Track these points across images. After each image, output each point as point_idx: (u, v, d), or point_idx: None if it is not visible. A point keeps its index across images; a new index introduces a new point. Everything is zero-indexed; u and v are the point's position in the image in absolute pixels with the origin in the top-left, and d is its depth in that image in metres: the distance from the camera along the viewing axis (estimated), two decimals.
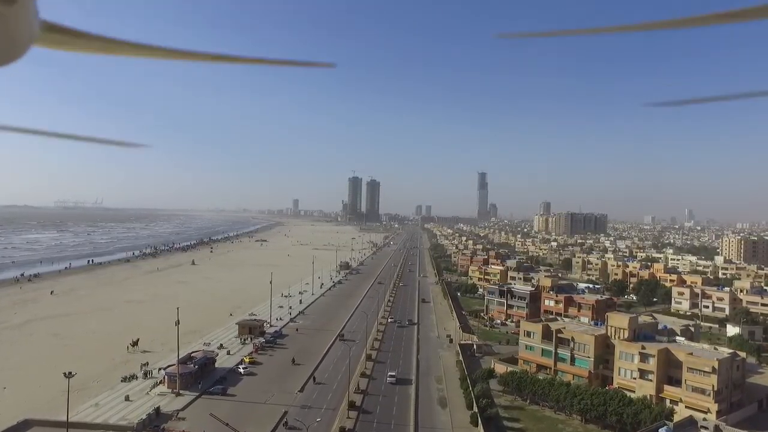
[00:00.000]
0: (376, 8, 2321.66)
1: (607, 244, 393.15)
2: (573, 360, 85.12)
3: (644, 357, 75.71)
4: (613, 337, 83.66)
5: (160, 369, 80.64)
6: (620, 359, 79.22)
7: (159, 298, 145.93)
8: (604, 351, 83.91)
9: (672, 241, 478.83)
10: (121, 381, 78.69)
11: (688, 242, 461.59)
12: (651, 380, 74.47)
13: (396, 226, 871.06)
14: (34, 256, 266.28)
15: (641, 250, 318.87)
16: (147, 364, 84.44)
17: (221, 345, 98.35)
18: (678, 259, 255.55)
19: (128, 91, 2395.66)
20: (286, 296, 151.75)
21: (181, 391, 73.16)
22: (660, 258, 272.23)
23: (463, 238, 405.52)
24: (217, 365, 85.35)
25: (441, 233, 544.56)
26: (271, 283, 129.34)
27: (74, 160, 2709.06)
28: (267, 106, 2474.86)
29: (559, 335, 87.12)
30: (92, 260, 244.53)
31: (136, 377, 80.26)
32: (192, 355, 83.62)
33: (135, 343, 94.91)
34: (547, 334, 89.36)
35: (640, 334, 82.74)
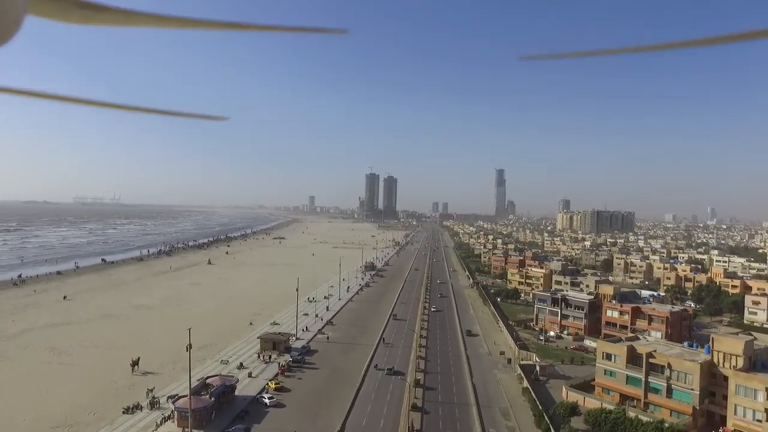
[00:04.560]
0: (393, 4, 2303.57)
1: (641, 243, 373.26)
2: (670, 391, 69.55)
3: None
4: (721, 365, 68.06)
5: (168, 398, 66.75)
6: (737, 395, 63.50)
7: (170, 303, 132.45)
8: (710, 382, 68.42)
9: (704, 240, 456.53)
10: (123, 413, 64.76)
11: (722, 242, 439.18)
12: None
13: (414, 223, 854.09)
14: (57, 254, 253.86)
15: (680, 251, 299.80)
16: (154, 389, 70.52)
17: (241, 364, 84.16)
18: (725, 261, 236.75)
19: (141, 90, 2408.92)
20: (311, 301, 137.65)
21: (194, 431, 59.06)
22: (704, 259, 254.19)
23: (490, 237, 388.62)
24: (237, 392, 71.13)
25: (463, 231, 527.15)
26: (297, 290, 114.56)
27: (92, 156, 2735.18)
28: (283, 102, 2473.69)
29: (650, 360, 71.62)
30: (105, 259, 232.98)
31: (141, 407, 66.37)
32: (208, 381, 69.40)
33: (135, 363, 79.84)
34: (633, 358, 73.81)
35: (757, 362, 66.99)
